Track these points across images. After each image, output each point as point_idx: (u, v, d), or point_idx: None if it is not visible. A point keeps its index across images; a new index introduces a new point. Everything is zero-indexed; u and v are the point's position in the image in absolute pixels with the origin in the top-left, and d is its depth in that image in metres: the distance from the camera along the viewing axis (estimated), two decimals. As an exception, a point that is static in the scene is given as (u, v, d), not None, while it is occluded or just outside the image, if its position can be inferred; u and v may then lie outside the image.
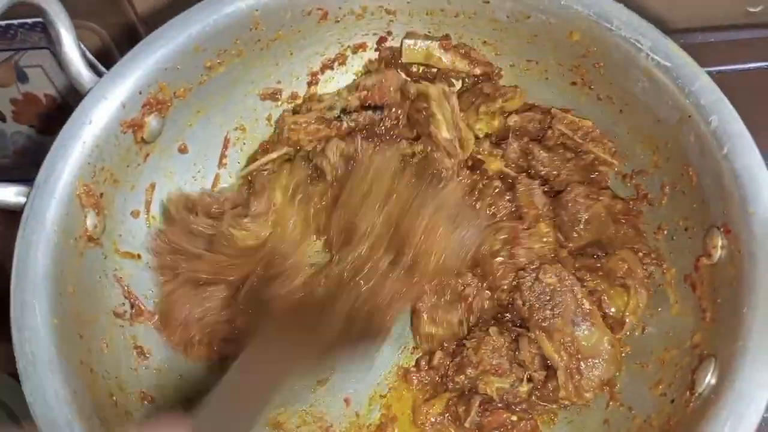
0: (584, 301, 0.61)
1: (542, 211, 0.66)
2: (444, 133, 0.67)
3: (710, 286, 0.56)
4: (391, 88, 0.70)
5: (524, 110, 0.72)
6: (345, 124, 0.69)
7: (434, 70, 0.73)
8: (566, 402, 0.61)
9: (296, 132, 0.70)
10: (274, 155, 0.70)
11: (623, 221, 0.66)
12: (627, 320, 0.62)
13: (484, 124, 0.72)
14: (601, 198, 0.66)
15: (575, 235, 0.66)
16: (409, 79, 0.74)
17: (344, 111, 0.70)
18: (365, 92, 0.70)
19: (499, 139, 0.72)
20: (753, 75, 0.80)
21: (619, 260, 0.63)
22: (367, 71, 0.75)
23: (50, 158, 0.56)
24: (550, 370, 0.61)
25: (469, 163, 0.70)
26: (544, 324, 0.61)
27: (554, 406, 0.64)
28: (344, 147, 0.68)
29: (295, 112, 0.73)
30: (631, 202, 0.67)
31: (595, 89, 0.67)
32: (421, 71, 0.73)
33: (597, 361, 0.60)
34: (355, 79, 0.75)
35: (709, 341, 0.54)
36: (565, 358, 0.60)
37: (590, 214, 0.65)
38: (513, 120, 0.71)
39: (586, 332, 0.60)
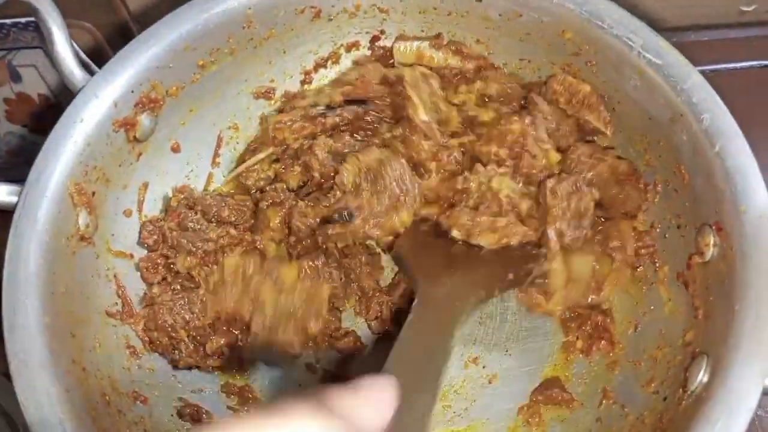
0: None
1: (547, 146, 0.66)
2: (421, 116, 0.67)
3: (703, 284, 0.56)
4: (374, 81, 0.70)
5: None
6: (330, 120, 0.69)
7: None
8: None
9: (281, 131, 0.69)
10: (261, 156, 0.70)
11: (626, 182, 0.65)
12: (604, 288, 0.63)
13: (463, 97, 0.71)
14: (606, 158, 0.65)
15: None
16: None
17: (328, 107, 0.70)
18: (348, 86, 0.70)
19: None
20: (746, 74, 0.81)
21: (616, 231, 0.64)
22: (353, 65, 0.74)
23: (41, 157, 0.56)
24: None
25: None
26: None
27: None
28: (332, 144, 0.68)
29: (281, 111, 0.73)
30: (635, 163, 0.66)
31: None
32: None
33: None
34: (336, 75, 0.74)
35: (702, 339, 0.55)
36: None
37: (594, 173, 0.65)
38: (493, 89, 0.70)
39: None
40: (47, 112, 0.85)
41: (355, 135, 0.70)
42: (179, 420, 0.62)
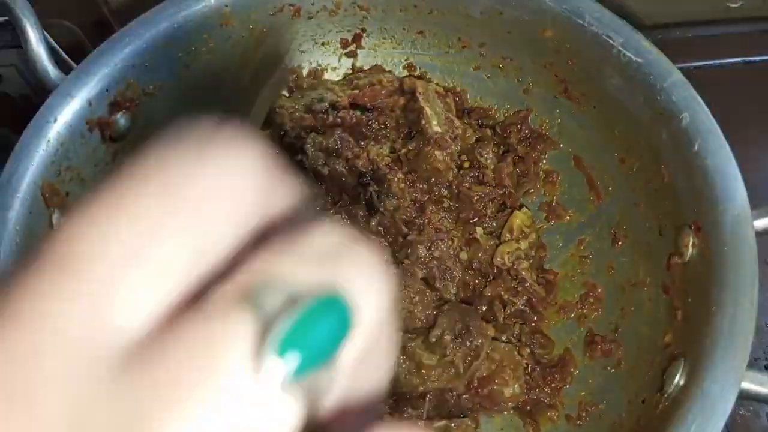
0: None
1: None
2: (434, 128, 0.66)
3: (682, 285, 0.56)
4: (383, 92, 0.69)
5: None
6: (331, 119, 0.69)
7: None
8: None
9: (281, 116, 0.69)
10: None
11: None
12: None
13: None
14: None
15: None
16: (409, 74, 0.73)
17: (333, 106, 0.69)
18: (356, 91, 0.69)
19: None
20: (731, 70, 0.80)
21: None
22: (361, 70, 0.74)
23: (13, 157, 0.56)
24: None
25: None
26: None
27: None
28: (322, 140, 0.68)
29: (291, 91, 0.73)
30: None
31: (570, 86, 0.66)
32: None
33: None
34: (348, 75, 0.74)
35: (680, 341, 0.54)
36: None
37: None
38: None
39: None
40: (29, 112, 0.84)
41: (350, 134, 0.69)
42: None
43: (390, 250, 0.65)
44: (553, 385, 0.62)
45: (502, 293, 0.65)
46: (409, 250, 0.64)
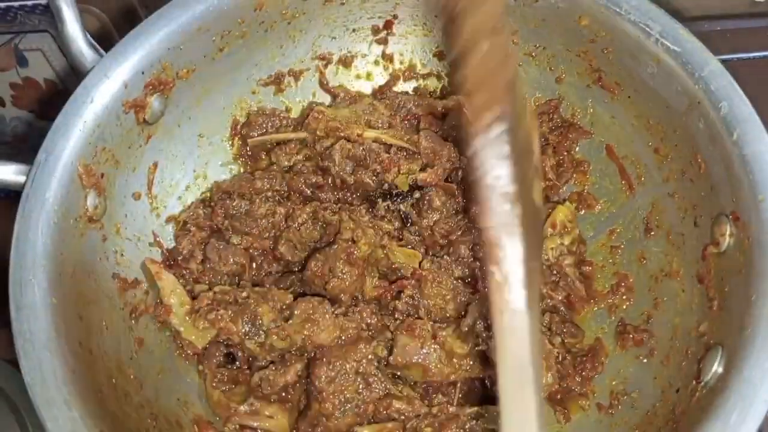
0: None
1: None
2: None
3: (718, 275, 0.56)
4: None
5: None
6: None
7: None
8: None
9: (317, 121, 0.69)
10: (291, 135, 0.70)
11: None
12: None
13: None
14: None
15: None
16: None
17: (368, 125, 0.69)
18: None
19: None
20: (759, 63, 0.80)
21: None
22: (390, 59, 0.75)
23: (51, 137, 0.55)
24: None
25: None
26: None
27: None
28: (351, 148, 0.67)
29: (334, 96, 0.73)
30: None
31: (604, 75, 0.66)
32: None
33: None
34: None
35: (716, 330, 0.54)
36: None
37: None
38: None
39: None
40: (54, 97, 0.84)
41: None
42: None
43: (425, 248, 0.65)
44: (583, 374, 0.62)
45: (542, 288, 0.64)
46: (452, 248, 0.64)
